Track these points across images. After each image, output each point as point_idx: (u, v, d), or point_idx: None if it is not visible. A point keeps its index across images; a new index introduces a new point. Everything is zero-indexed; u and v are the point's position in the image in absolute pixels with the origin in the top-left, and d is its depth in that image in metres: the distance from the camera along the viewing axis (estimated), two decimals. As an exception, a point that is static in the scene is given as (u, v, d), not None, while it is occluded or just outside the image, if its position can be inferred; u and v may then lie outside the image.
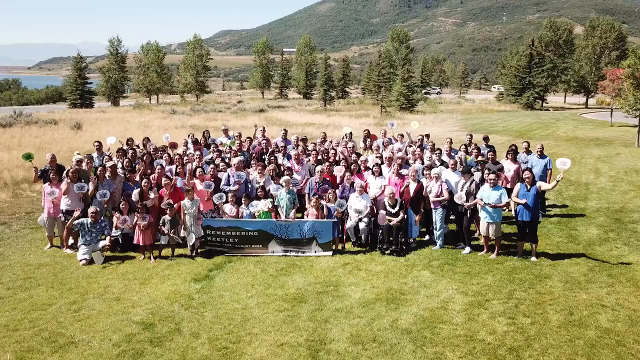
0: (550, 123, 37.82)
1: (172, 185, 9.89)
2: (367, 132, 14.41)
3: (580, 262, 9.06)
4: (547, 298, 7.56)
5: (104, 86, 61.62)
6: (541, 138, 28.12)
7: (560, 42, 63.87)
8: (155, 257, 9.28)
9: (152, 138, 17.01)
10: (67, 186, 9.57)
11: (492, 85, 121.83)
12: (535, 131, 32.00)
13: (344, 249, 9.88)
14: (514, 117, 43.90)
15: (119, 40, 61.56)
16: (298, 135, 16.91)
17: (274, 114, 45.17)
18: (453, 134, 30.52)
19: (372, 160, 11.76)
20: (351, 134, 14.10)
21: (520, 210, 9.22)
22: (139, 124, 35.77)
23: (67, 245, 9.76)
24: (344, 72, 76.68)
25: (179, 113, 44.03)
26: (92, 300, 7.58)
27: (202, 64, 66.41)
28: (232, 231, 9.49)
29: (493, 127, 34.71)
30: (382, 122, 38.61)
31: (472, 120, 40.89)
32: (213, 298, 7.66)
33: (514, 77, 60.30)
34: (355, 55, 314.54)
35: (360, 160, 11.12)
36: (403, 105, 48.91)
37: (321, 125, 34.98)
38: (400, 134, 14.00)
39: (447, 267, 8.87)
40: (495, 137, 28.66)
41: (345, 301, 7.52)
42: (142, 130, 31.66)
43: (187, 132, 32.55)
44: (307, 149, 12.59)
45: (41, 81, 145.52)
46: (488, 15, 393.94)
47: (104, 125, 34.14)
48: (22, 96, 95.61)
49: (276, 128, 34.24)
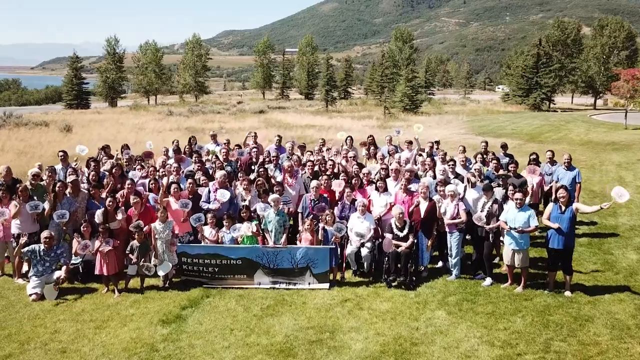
0: (561, 125, 36.30)
1: (142, 203, 8.46)
2: (372, 140, 13.00)
3: (624, 298, 7.60)
4: (594, 351, 6.11)
5: (101, 86, 60.27)
6: (553, 142, 26.64)
7: (568, 42, 62.27)
8: (120, 290, 7.87)
9: (145, 141, 15.62)
10: (19, 207, 8.16)
11: (496, 85, 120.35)
12: (546, 134, 30.48)
13: (343, 279, 8.44)
14: (522, 119, 42.38)
15: (116, 39, 60.23)
16: (294, 140, 15.39)
17: (273, 115, 43.78)
18: (460, 137, 29.05)
19: (375, 171, 10.35)
20: (351, 139, 12.65)
21: (551, 235, 7.76)
22: (133, 126, 34.44)
23: (19, 275, 8.35)
24: (347, 72, 75.23)
25: (176, 114, 42.68)
26: (32, 352, 6.16)
27: (202, 64, 64.98)
28: (212, 259, 8.06)
29: (501, 130, 33.23)
30: (385, 124, 37.15)
31: (478, 122, 39.40)
32: (181, 349, 6.23)
33: (520, 77, 58.79)
34: (358, 55, 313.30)
35: (363, 173, 9.67)
36: (407, 107, 47.40)
37: (322, 128, 33.54)
38: (408, 141, 12.54)
39: (466, 304, 7.43)
40: (501, 140, 27.21)
41: (344, 355, 6.09)
42: (135, 133, 30.34)
43: (183, 135, 31.54)
44: (301, 160, 11.09)
45: (43, 81, 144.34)
46: (491, 16, 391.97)
47: (97, 127, 32.81)
48: (22, 96, 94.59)
49: (274, 130, 32.79)
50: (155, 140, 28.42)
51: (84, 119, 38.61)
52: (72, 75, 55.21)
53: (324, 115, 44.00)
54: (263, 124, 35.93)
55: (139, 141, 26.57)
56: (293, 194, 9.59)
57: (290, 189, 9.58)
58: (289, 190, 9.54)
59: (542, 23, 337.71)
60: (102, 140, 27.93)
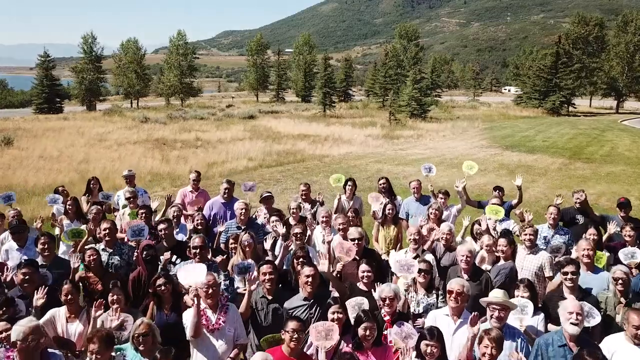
0: (598, 135, 31.04)
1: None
2: (386, 185, 7.86)
3: None
4: None
5: (77, 88, 54.86)
6: (604, 160, 21.37)
7: (590, 39, 56.97)
8: None
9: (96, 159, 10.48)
10: None
11: (502, 86, 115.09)
12: (588, 148, 25.17)
13: None
14: (546, 126, 37.13)
15: (93, 37, 54.73)
16: (265, 212, 6.87)
17: (263, 122, 38.48)
18: (485, 152, 23.67)
19: (402, 282, 4.99)
20: (353, 184, 7.56)
21: None
22: (95, 136, 29.22)
23: None
24: (347, 72, 69.89)
25: (152, 121, 37.37)
26: None
27: (187, 64, 59.41)
28: None
29: (530, 142, 27.93)
30: (391, 133, 31.86)
31: (498, 131, 34.12)
32: None
33: (537, 78, 53.51)
34: (359, 55, 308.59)
35: (384, 299, 4.36)
36: (414, 112, 42.09)
37: (317, 139, 28.27)
38: (442, 191, 7.44)
39: None
40: (539, 157, 21.99)
41: None
42: (88, 148, 25.03)
43: (150, 149, 26.17)
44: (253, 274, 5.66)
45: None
46: (492, 16, 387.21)
47: (49, 139, 27.51)
48: (5, 98, 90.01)
49: (261, 142, 27.61)
50: (108, 156, 23.33)
51: (42, 127, 33.31)
52: (43, 77, 49.83)
53: (321, 122, 38.71)
54: (248, 134, 30.67)
55: (86, 160, 21.44)
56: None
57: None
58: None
59: (543, 23, 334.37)
60: (45, 158, 22.86)
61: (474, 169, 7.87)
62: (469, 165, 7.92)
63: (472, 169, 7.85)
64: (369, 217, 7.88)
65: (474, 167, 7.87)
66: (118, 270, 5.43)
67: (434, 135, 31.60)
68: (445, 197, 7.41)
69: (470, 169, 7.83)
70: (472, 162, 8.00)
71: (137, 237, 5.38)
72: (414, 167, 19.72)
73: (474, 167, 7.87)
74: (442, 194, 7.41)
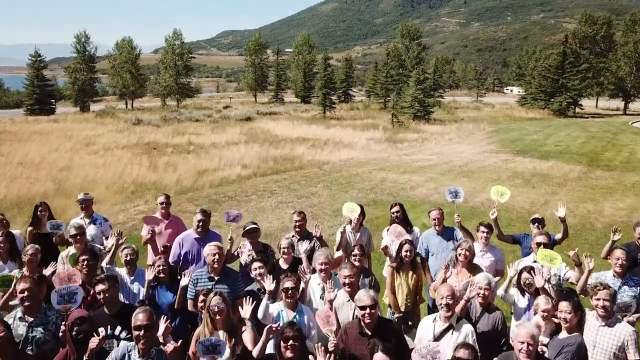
0: (611, 138, 29.56)
1: None
2: (400, 213, 6.44)
3: None
4: None
5: (69, 89, 53.25)
6: (625, 168, 19.88)
7: (598, 39, 55.40)
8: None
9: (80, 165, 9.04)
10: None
11: (504, 86, 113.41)
12: (604, 154, 23.64)
13: None
14: (554, 129, 35.64)
15: (86, 36, 53.17)
16: (251, 252, 5.66)
17: (261, 124, 36.96)
18: (496, 158, 22.12)
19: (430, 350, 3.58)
20: (362, 214, 6.20)
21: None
22: (83, 140, 27.75)
23: None
24: (347, 72, 68.29)
25: (145, 123, 35.90)
26: None
27: (183, 64, 57.77)
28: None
29: (541, 146, 26.42)
30: (394, 136, 30.36)
31: (506, 134, 32.60)
32: None
33: (542, 78, 51.98)
34: (359, 55, 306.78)
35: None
36: (417, 113, 40.57)
37: (317, 143, 26.77)
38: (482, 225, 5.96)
39: None
40: (555, 164, 20.48)
41: None
42: (74, 153, 23.55)
43: (139, 154, 24.57)
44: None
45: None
46: (492, 16, 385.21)
47: (32, 143, 26.03)
48: (1, 98, 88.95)
49: (257, 147, 26.09)
50: (92, 162, 21.79)
51: (29, 129, 31.84)
52: (34, 77, 48.27)
53: (320, 123, 37.21)
54: (244, 137, 29.18)
55: (68, 167, 19.92)
56: None
57: None
58: None
59: (543, 23, 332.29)
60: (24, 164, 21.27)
61: (505, 195, 6.32)
62: (500, 191, 6.36)
63: (503, 195, 6.31)
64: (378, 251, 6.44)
65: (505, 194, 6.32)
66: (41, 347, 3.97)
67: (439, 139, 30.10)
68: (488, 231, 5.88)
69: (502, 196, 6.29)
70: (502, 187, 6.45)
71: (66, 305, 3.89)
72: (420, 175, 18.23)
73: (505, 194, 6.32)
74: (485, 227, 5.89)
